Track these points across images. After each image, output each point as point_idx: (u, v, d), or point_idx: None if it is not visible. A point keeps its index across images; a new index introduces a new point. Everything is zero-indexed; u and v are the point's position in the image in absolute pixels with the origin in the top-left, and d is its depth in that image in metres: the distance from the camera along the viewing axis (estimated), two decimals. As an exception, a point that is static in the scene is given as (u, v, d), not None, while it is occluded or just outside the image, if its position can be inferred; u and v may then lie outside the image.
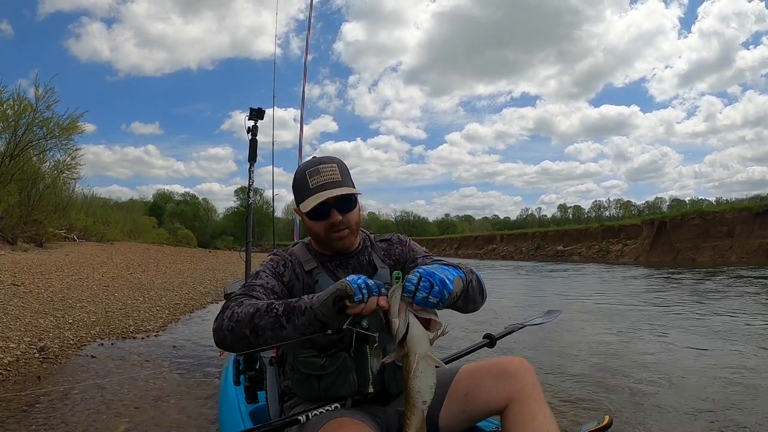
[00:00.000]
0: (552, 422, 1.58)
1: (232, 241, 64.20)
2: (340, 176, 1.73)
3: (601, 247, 36.90)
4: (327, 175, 1.71)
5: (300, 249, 1.85)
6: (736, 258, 25.63)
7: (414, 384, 1.35)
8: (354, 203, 1.77)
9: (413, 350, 1.35)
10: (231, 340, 1.51)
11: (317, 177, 1.71)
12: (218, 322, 1.55)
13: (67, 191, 26.80)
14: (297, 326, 1.45)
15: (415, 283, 1.37)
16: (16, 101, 19.92)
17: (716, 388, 4.24)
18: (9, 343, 5.15)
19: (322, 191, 1.68)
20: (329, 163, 1.75)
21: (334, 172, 1.73)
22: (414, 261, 1.86)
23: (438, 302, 1.37)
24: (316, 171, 1.72)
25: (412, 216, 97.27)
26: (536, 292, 14.25)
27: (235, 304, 1.57)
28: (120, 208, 44.35)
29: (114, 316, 7.46)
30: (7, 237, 18.07)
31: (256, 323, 1.48)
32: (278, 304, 1.49)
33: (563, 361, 5.35)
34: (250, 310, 1.50)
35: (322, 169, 1.73)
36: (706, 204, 49.21)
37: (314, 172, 1.72)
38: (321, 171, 1.72)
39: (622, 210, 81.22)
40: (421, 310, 1.36)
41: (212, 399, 3.84)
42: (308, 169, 1.74)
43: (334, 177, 1.72)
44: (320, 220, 1.72)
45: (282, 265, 1.78)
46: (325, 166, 1.74)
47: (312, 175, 1.72)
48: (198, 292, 11.61)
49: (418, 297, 1.35)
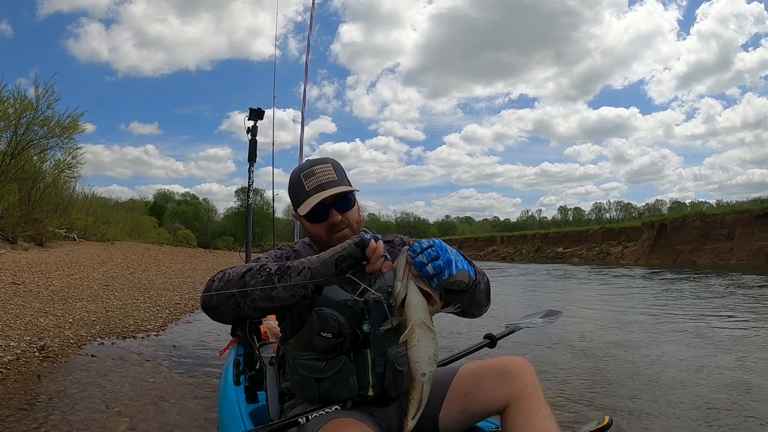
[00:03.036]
0: (552, 422, 1.58)
1: (233, 242, 64.26)
2: (335, 175, 1.72)
3: (601, 249, 36.93)
4: (322, 176, 1.70)
5: (302, 247, 1.83)
6: (737, 260, 25.65)
7: (411, 354, 1.35)
8: (352, 202, 1.75)
9: (410, 317, 1.34)
10: (217, 300, 1.49)
11: (312, 179, 1.70)
12: (208, 283, 1.54)
13: (68, 190, 26.85)
14: (288, 286, 1.44)
15: (423, 248, 1.37)
16: (16, 100, 19.93)
17: (716, 389, 4.24)
18: (9, 342, 5.16)
19: (319, 191, 1.67)
20: (323, 163, 1.74)
21: (329, 172, 1.71)
22: None
23: (434, 276, 1.36)
24: (311, 173, 1.71)
25: (413, 217, 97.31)
26: (536, 293, 14.24)
27: (229, 268, 1.57)
28: (120, 208, 44.35)
29: (114, 315, 7.47)
30: (8, 236, 18.08)
31: (246, 281, 1.47)
32: (272, 265, 1.48)
33: (563, 361, 5.35)
34: (242, 270, 1.50)
35: (316, 170, 1.71)
36: (706, 206, 49.29)
37: (309, 174, 1.71)
38: (316, 172, 1.70)
39: (622, 212, 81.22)
40: (422, 281, 1.35)
41: (212, 399, 3.83)
42: (303, 171, 1.72)
43: (329, 177, 1.70)
44: (319, 221, 1.70)
45: (286, 257, 1.75)
46: (320, 167, 1.72)
47: (307, 177, 1.71)
48: (198, 292, 11.58)
49: (417, 259, 1.35)
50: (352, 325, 1.65)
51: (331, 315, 1.63)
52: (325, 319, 1.63)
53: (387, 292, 1.70)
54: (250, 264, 1.54)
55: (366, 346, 1.67)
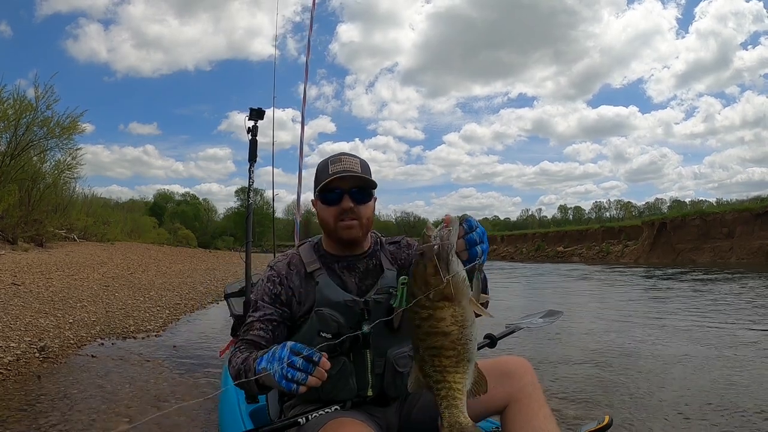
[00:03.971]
0: (552, 422, 1.59)
1: (233, 242, 64.21)
2: (359, 168, 1.73)
3: (601, 248, 36.93)
4: (347, 164, 1.72)
5: (305, 249, 1.82)
6: (737, 259, 25.65)
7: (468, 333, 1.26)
8: (369, 197, 1.75)
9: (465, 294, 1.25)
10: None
11: (338, 164, 1.73)
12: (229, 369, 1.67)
13: (68, 191, 26.78)
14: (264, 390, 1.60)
15: (475, 226, 1.36)
16: (16, 101, 19.90)
17: (716, 389, 4.24)
18: (9, 343, 5.16)
19: (339, 175, 1.69)
20: (353, 156, 1.77)
21: (355, 164, 1.74)
22: None
23: (477, 243, 1.34)
24: (338, 159, 1.75)
25: (413, 217, 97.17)
26: (537, 292, 14.25)
27: (233, 356, 1.66)
28: (120, 208, 44.30)
29: (114, 315, 7.47)
30: (8, 237, 18.07)
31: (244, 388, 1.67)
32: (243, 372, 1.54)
33: (563, 361, 5.35)
34: (233, 372, 1.61)
35: (344, 158, 1.75)
36: (706, 205, 49.23)
37: (336, 160, 1.74)
38: (342, 160, 1.74)
39: (622, 211, 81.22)
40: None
41: (212, 399, 3.83)
42: (331, 157, 1.77)
43: (354, 167, 1.72)
44: (331, 204, 1.72)
45: (278, 283, 1.75)
46: (348, 157, 1.76)
47: (333, 162, 1.74)
48: (198, 292, 11.61)
49: (472, 236, 1.33)
50: (352, 326, 1.65)
51: (330, 315, 1.65)
52: (324, 319, 1.65)
53: (388, 293, 1.70)
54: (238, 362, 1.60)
55: (366, 347, 1.68)
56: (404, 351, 1.72)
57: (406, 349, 1.72)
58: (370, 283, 1.76)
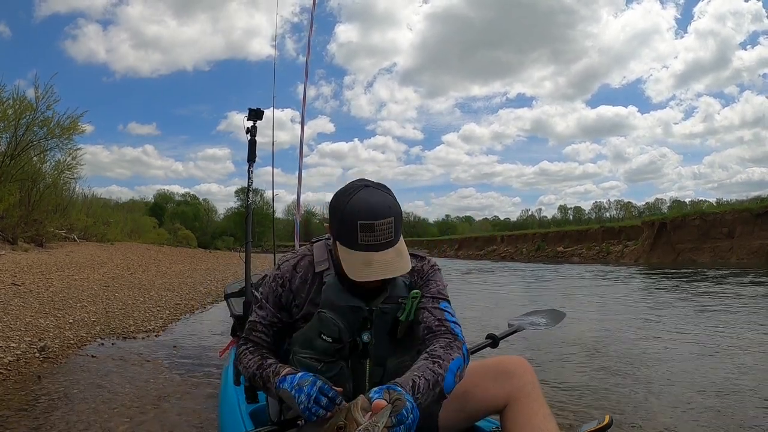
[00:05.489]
0: (551, 421, 1.58)
1: (233, 242, 64.25)
2: (393, 235, 1.54)
3: (601, 248, 36.91)
4: (380, 235, 1.51)
5: (319, 247, 1.77)
6: (737, 259, 25.64)
7: None
8: None
9: None
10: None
11: (370, 234, 1.51)
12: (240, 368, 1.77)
13: (68, 191, 26.80)
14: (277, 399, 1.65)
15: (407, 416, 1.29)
16: (16, 101, 19.91)
17: (717, 389, 4.24)
18: (9, 343, 5.16)
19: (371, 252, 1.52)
20: (386, 217, 1.52)
21: (389, 231, 1.52)
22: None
23: None
24: (370, 227, 1.50)
25: (413, 217, 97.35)
26: (538, 292, 14.24)
27: (242, 354, 1.75)
28: (120, 209, 44.34)
29: (114, 315, 7.47)
30: (8, 237, 18.07)
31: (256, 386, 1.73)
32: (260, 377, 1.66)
33: (563, 361, 5.36)
34: (247, 374, 1.72)
35: (378, 226, 1.50)
36: (706, 205, 49.19)
37: (368, 228, 1.50)
38: (376, 228, 1.50)
39: (622, 211, 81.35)
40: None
41: (212, 399, 3.83)
42: (361, 218, 1.50)
43: (388, 236, 1.52)
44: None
45: (281, 285, 1.73)
46: (382, 222, 1.51)
47: (364, 229, 1.50)
48: (198, 292, 11.61)
49: (403, 415, 1.27)
50: (353, 333, 1.65)
51: (332, 319, 1.63)
52: (326, 322, 1.63)
53: (396, 303, 1.69)
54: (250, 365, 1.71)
55: (365, 356, 1.67)
56: (405, 361, 1.69)
57: (408, 360, 1.71)
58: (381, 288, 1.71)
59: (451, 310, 1.69)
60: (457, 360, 1.55)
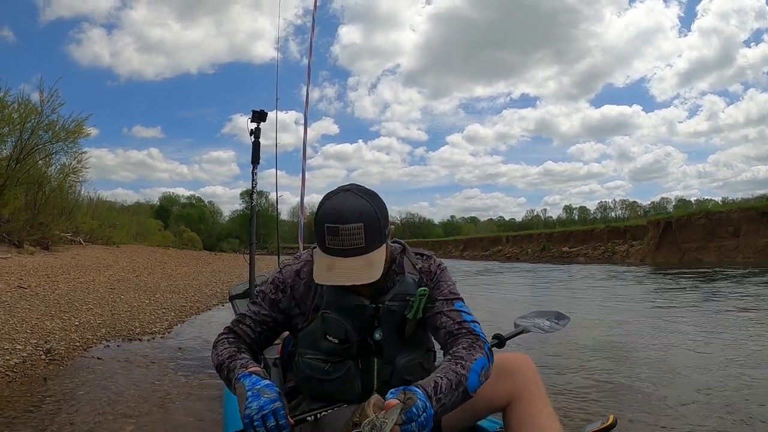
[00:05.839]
0: (554, 420, 1.58)
1: (238, 244, 64.32)
2: (363, 241, 1.50)
3: (606, 248, 36.82)
4: (346, 240, 1.49)
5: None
6: (743, 258, 25.53)
7: None
8: None
9: None
10: None
11: (335, 239, 1.50)
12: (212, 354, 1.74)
13: (73, 194, 26.91)
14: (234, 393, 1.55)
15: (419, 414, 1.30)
16: (21, 104, 20.02)
17: (722, 389, 4.22)
18: (15, 345, 5.17)
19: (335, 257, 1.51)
20: (354, 222, 1.49)
21: (355, 237, 1.49)
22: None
23: None
24: (335, 230, 1.49)
25: (417, 218, 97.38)
26: (543, 293, 14.21)
27: (220, 341, 1.73)
28: (126, 211, 44.49)
29: (120, 318, 7.48)
30: (14, 240, 18.13)
31: (220, 376, 1.66)
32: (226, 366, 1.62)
33: (567, 360, 5.34)
34: (216, 360, 1.68)
35: (342, 230, 1.48)
36: (711, 204, 49.00)
37: (332, 231, 1.49)
38: (341, 232, 1.48)
39: (627, 210, 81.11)
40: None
41: (217, 400, 3.84)
42: (328, 221, 1.50)
43: (354, 242, 1.49)
44: None
45: (281, 290, 1.71)
46: (348, 227, 1.48)
47: (330, 232, 1.50)
48: (204, 295, 11.63)
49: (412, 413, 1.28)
50: (361, 333, 1.64)
51: (336, 320, 1.63)
52: (331, 323, 1.63)
53: (404, 300, 1.68)
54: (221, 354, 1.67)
55: (374, 354, 1.66)
56: (414, 359, 1.71)
57: (417, 357, 1.72)
58: (388, 285, 1.71)
59: (467, 309, 1.68)
60: (481, 360, 1.53)
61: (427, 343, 1.78)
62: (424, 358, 1.73)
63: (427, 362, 1.76)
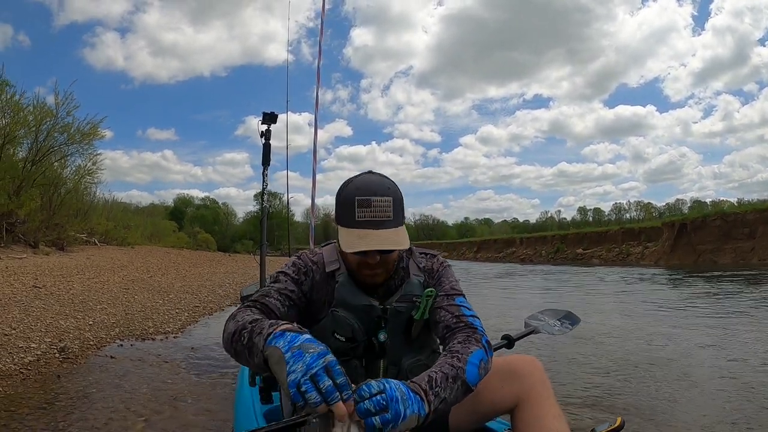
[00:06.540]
0: (562, 422, 1.57)
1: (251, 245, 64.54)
2: (391, 214, 1.55)
3: (621, 250, 36.50)
4: (378, 211, 1.53)
5: (329, 249, 1.77)
6: (758, 260, 25.21)
7: None
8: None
9: None
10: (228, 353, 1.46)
11: (366, 210, 1.53)
12: (229, 324, 1.48)
13: (88, 196, 27.22)
14: (256, 363, 1.30)
15: (372, 393, 1.21)
16: (36, 107, 20.26)
17: (731, 391, 4.18)
18: (30, 344, 5.24)
19: (369, 229, 1.52)
20: (383, 195, 1.55)
21: (386, 208, 1.54)
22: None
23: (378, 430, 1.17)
24: (366, 202, 1.53)
25: (431, 220, 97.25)
26: (555, 294, 14.13)
27: (239, 312, 1.50)
28: (140, 213, 44.84)
29: (134, 317, 7.55)
30: (30, 241, 18.36)
31: (235, 348, 1.40)
32: (248, 330, 1.35)
33: (575, 362, 5.31)
34: (233, 327, 1.42)
35: (374, 202, 1.53)
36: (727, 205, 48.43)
37: (365, 203, 1.53)
38: (372, 204, 1.53)
39: (642, 212, 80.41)
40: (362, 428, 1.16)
41: (228, 400, 3.86)
42: (359, 194, 1.54)
43: (385, 214, 1.54)
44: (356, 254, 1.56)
45: (303, 272, 1.68)
46: (379, 199, 1.53)
47: (361, 205, 1.53)
48: (217, 295, 11.69)
49: (363, 405, 1.18)
50: (368, 332, 1.65)
51: (345, 319, 1.64)
52: (340, 321, 1.64)
53: (411, 301, 1.69)
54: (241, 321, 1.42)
55: (380, 355, 1.66)
56: (420, 360, 1.71)
57: (423, 358, 1.72)
58: (395, 286, 1.71)
59: (467, 304, 1.66)
60: (478, 352, 1.50)
61: (433, 345, 1.78)
62: (429, 359, 1.73)
63: (433, 363, 1.76)
